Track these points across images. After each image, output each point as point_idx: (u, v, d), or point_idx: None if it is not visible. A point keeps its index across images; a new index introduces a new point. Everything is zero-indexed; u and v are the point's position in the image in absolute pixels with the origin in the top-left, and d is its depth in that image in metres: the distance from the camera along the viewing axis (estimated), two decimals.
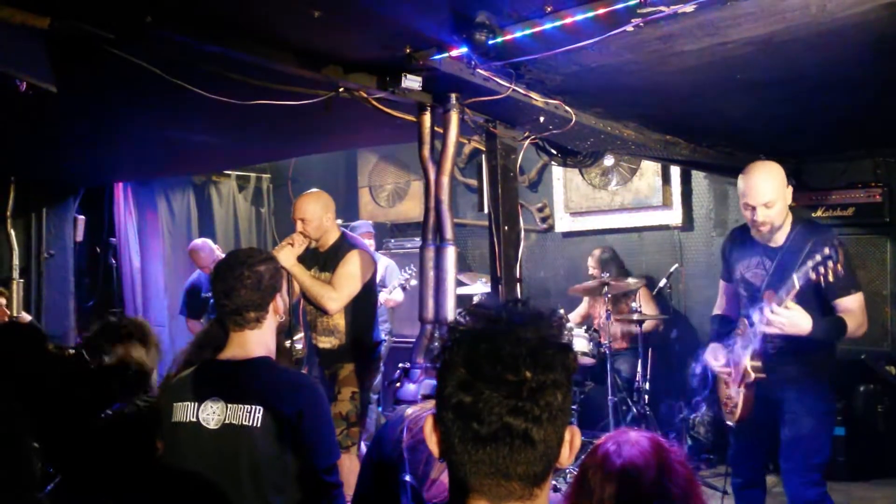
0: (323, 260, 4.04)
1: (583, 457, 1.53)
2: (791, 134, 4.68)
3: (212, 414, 2.08)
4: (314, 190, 4.17)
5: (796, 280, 2.86)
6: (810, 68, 3.09)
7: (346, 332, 4.01)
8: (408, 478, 1.93)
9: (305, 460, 2.12)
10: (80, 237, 6.35)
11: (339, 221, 4.29)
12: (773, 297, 2.97)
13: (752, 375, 3.11)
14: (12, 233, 5.94)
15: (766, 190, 3.04)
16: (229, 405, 2.07)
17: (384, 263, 5.93)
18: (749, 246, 3.27)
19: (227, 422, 2.06)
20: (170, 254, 6.92)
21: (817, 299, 3.03)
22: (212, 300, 5.72)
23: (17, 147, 4.62)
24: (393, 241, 7.10)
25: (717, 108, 3.84)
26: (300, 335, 4.51)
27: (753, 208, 3.07)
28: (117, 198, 6.67)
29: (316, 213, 3.94)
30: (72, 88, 3.05)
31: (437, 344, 3.21)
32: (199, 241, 5.96)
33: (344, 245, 4.02)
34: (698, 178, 6.12)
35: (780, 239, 3.16)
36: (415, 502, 1.91)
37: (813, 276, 2.82)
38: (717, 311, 3.55)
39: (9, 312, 5.37)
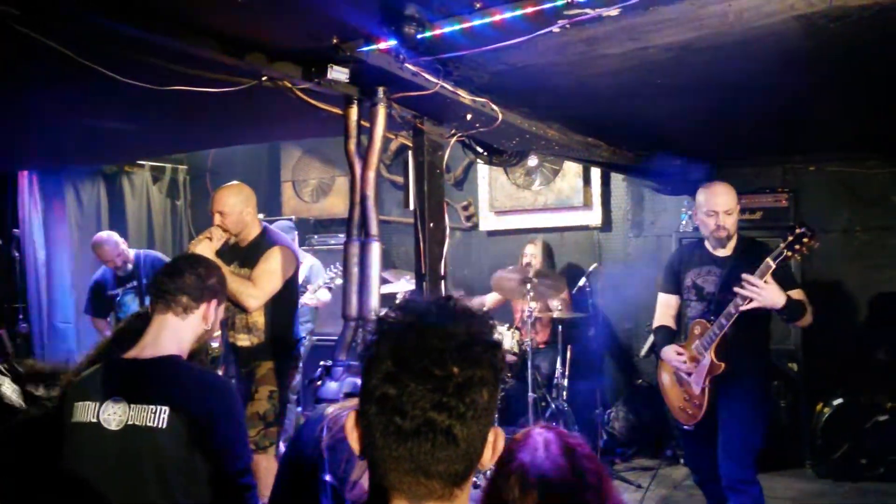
0: (243, 255, 3.92)
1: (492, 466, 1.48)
2: (706, 139, 4.86)
3: (113, 414, 1.99)
4: (234, 182, 4.04)
5: (770, 261, 3.25)
6: (726, 75, 3.21)
7: (265, 330, 3.91)
8: (328, 478, 1.88)
9: (216, 462, 2.05)
10: None
11: (262, 216, 4.18)
12: (750, 279, 3.30)
13: (722, 366, 3.41)
14: None
15: (727, 200, 3.52)
16: (132, 405, 1.99)
17: (309, 263, 5.81)
18: (698, 257, 3.67)
19: (129, 423, 1.98)
20: (78, 247, 6.57)
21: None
22: (117, 298, 5.49)
23: None
24: (316, 237, 6.99)
25: (638, 112, 3.94)
26: (217, 333, 4.37)
27: (717, 214, 3.50)
28: (21, 187, 6.31)
29: (235, 206, 3.82)
30: None
31: (362, 337, 3.17)
32: (103, 235, 5.56)
33: (265, 241, 3.91)
34: (617, 180, 6.29)
35: (728, 250, 3.59)
36: (334, 503, 1.87)
37: (787, 253, 3.25)
38: (659, 322, 3.81)
39: None
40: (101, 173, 6.85)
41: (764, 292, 3.23)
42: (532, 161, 6.13)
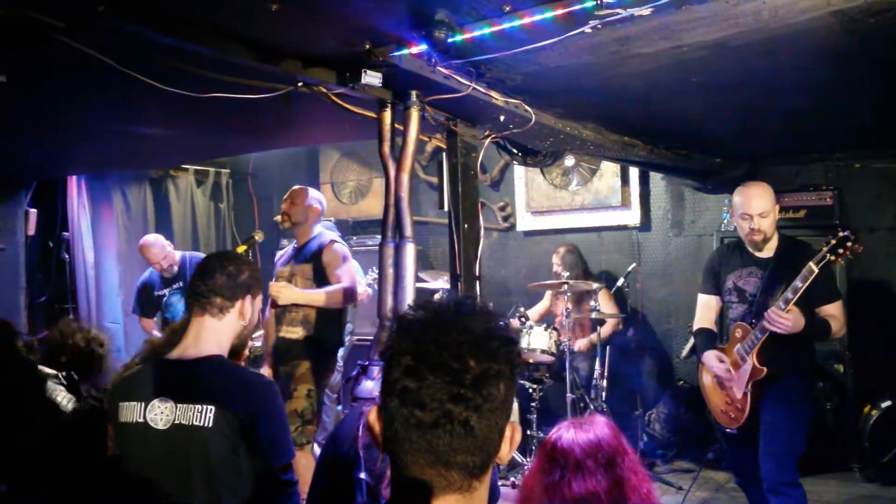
0: (299, 253, 4.26)
1: (545, 445, 1.71)
2: (745, 137, 4.78)
3: (160, 414, 2.04)
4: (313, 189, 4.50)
5: (792, 290, 3.25)
6: (762, 73, 3.16)
7: (315, 323, 4.05)
8: (363, 475, 1.92)
9: (260, 459, 2.09)
10: (32, 231, 6.16)
11: None
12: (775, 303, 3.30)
13: (764, 370, 3.39)
14: None
15: (762, 202, 3.46)
16: (179, 405, 2.03)
17: None
18: (738, 258, 3.62)
19: (176, 422, 2.03)
20: (125, 249, 6.77)
21: (804, 304, 3.32)
22: (164, 298, 5.64)
23: None
24: (355, 238, 7.06)
25: (673, 111, 3.90)
26: (259, 332, 4.47)
27: (751, 217, 3.45)
28: (70, 191, 6.50)
29: (304, 199, 4.27)
30: (21, 78, 2.97)
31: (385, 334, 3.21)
32: (150, 237, 5.72)
33: (321, 240, 4.24)
34: (656, 179, 6.22)
35: (769, 251, 3.53)
36: (370, 500, 1.90)
37: (831, 257, 3.22)
38: (700, 324, 3.76)
39: None
40: (148, 177, 7.04)
41: (790, 324, 3.25)
42: (569, 161, 6.09)
